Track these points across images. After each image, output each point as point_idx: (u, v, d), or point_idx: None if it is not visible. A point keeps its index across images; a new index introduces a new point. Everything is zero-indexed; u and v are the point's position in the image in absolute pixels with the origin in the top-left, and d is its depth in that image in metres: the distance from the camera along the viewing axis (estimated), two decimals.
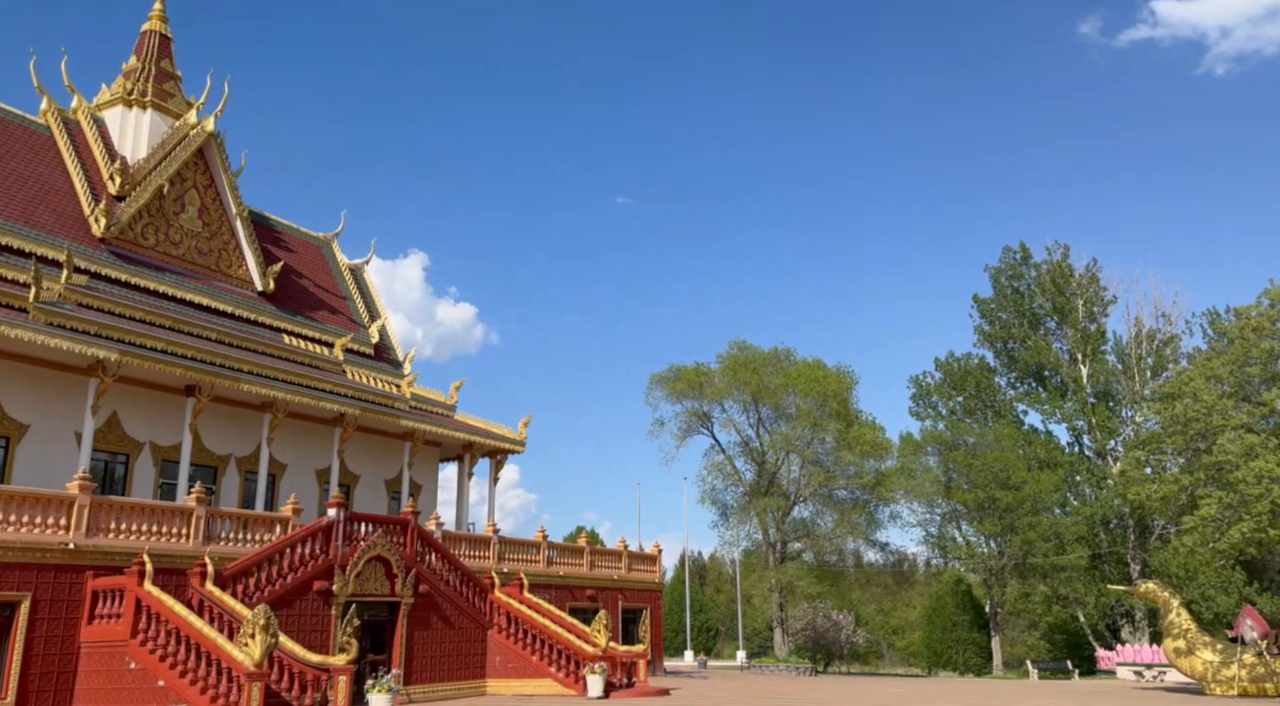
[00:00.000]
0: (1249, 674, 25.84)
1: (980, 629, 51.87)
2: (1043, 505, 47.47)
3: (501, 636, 23.60)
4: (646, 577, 32.99)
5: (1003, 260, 54.80)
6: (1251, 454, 24.49)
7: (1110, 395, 50.26)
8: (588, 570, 29.96)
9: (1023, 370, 53.10)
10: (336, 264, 35.30)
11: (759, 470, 54.04)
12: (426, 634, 21.94)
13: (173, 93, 30.09)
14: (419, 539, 22.56)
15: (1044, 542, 45.92)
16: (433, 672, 21.83)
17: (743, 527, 54.51)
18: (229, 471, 26.13)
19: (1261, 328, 27.22)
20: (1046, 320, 52.71)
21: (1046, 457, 49.10)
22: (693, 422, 54.54)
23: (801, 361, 54.58)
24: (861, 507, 53.37)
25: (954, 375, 54.71)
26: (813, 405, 51.56)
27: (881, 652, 66.40)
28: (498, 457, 33.51)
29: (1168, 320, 50.19)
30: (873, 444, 52.26)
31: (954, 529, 52.09)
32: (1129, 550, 47.00)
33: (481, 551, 26.25)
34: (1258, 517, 24.38)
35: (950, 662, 51.79)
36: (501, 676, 23.30)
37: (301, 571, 19.37)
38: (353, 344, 31.13)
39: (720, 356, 54.61)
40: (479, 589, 23.86)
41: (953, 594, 54.48)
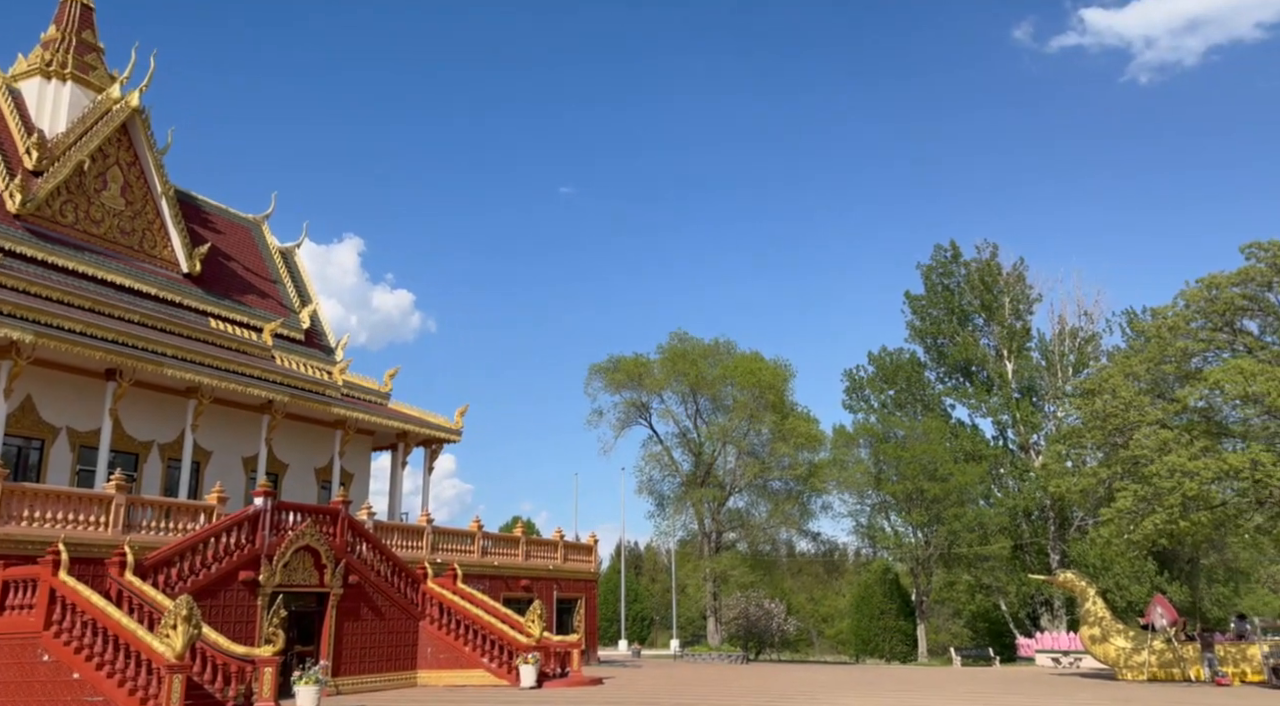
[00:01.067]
0: (1158, 660, 27.01)
1: (907, 617, 53.15)
2: (968, 496, 48.79)
3: (434, 627, 23.37)
4: (582, 568, 33.00)
5: (934, 258, 56.02)
6: (1165, 449, 25.47)
7: (1034, 390, 51.84)
8: (523, 560, 29.83)
9: (951, 365, 54.40)
10: (267, 246, 34.40)
11: (696, 461, 54.40)
12: (356, 625, 21.60)
13: (95, 65, 28.89)
14: (350, 529, 22.17)
15: (969, 533, 47.21)
16: (362, 664, 21.51)
17: (679, 518, 54.87)
18: (151, 458, 25.33)
19: (1177, 327, 28.34)
20: (975, 317, 54.06)
21: (972, 450, 50.45)
22: (631, 413, 54.63)
23: (740, 354, 55.03)
24: (795, 498, 54.12)
25: (886, 369, 55.78)
26: (750, 397, 52.04)
27: (811, 640, 67.62)
28: (433, 447, 33.12)
29: (1089, 319, 51.96)
30: (807, 436, 52.99)
31: (883, 519, 53.19)
32: (1049, 541, 48.62)
33: (415, 541, 25.93)
34: (1169, 510, 25.41)
35: (877, 650, 52.98)
36: (433, 667, 23.07)
37: (226, 561, 18.88)
38: (282, 329, 30.40)
39: (660, 348, 54.78)
40: (411, 579, 23.57)
41: (881, 583, 55.72)
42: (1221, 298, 27.46)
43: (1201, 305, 27.97)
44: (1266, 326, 28.35)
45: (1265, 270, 27.04)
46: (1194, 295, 28.32)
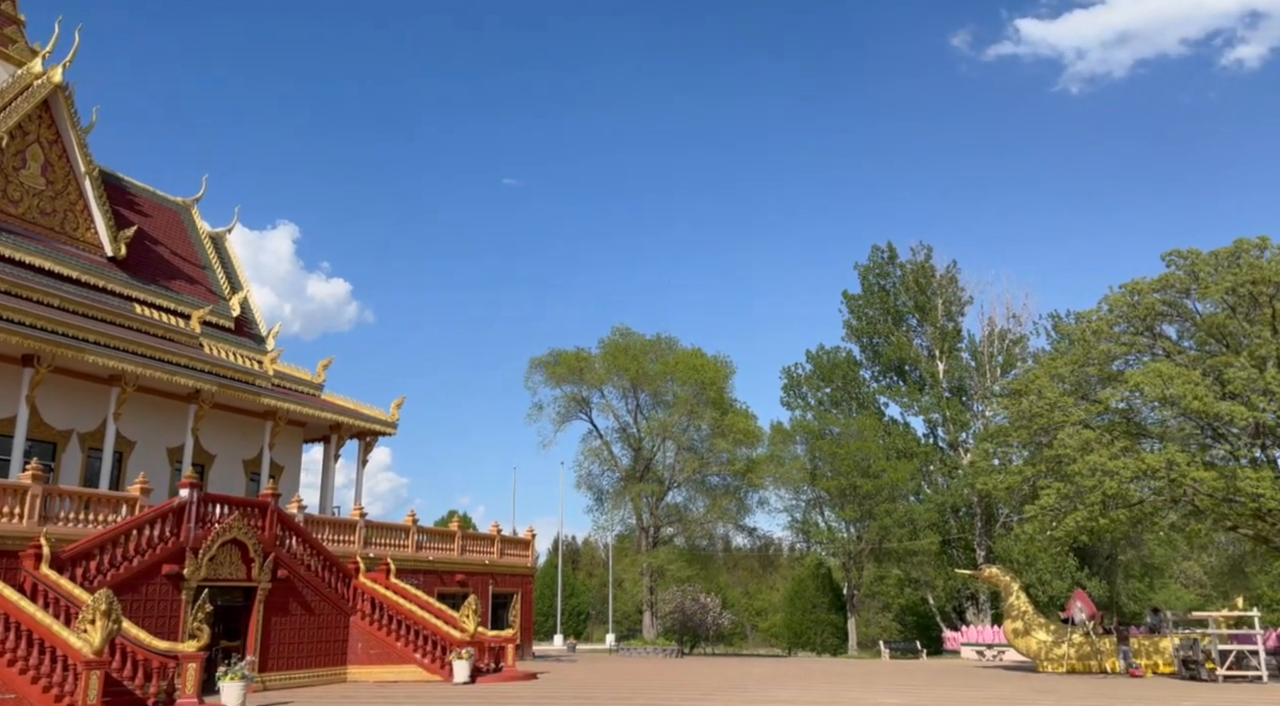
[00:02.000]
0: (1077, 652, 27.98)
1: (838, 610, 54.11)
2: (899, 493, 49.83)
3: (365, 622, 23.02)
4: (519, 562, 32.82)
5: (871, 259, 57.02)
6: (1087, 448, 26.34)
7: (964, 390, 53.17)
8: (458, 555, 29.55)
9: (886, 364, 55.47)
10: (196, 231, 33.39)
11: (635, 456, 54.53)
12: (285, 620, 21.16)
13: (14, 38, 27.65)
14: (279, 522, 21.69)
15: (899, 528, 48.23)
16: (291, 659, 21.08)
17: (617, 512, 54.98)
18: (70, 448, 24.41)
19: (1100, 331, 29.32)
20: (909, 317, 55.20)
21: (904, 448, 51.53)
22: (572, 408, 54.50)
23: (682, 350, 55.28)
24: (732, 493, 54.65)
25: (823, 367, 56.62)
26: (690, 393, 52.34)
27: (745, 634, 68.38)
28: (367, 439, 32.56)
29: (1018, 321, 53.48)
30: (745, 432, 53.52)
31: (818, 514, 54.02)
32: (976, 536, 49.96)
33: (347, 536, 25.49)
34: (1090, 507, 26.30)
35: (809, 643, 53.83)
36: (364, 663, 22.74)
37: (149, 554, 18.31)
38: (211, 316, 29.57)
39: (602, 342, 54.75)
40: (343, 574, 23.17)
41: (814, 577, 56.62)
42: (1143, 303, 28.49)
43: (1124, 310, 28.99)
44: (1184, 331, 29.54)
45: (1184, 278, 28.14)
46: (1117, 300, 29.33)
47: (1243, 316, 27.19)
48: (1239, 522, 26.83)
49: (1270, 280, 26.09)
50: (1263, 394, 25.10)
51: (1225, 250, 27.92)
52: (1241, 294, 26.70)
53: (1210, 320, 28.02)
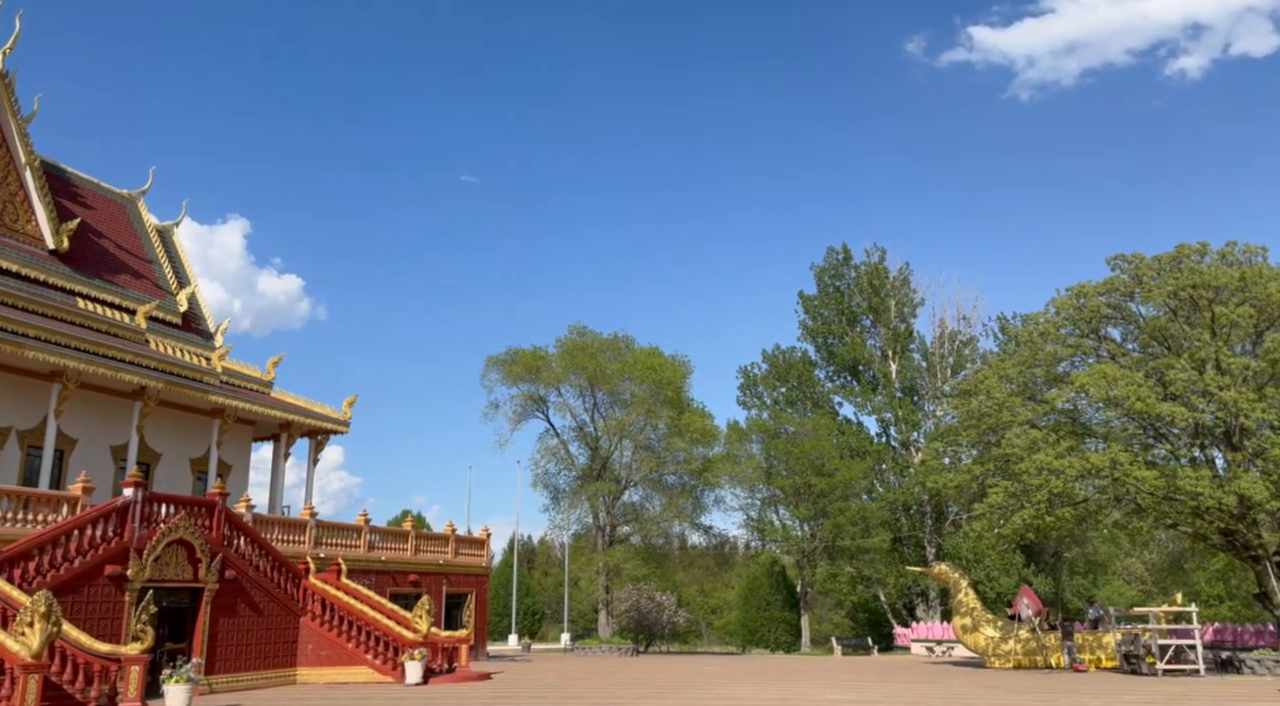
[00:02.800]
0: (1023, 648, 28.56)
1: (792, 608, 54.59)
2: (852, 491, 50.39)
3: (315, 623, 22.69)
4: (473, 562, 32.60)
5: (827, 260, 57.58)
6: (1034, 448, 26.90)
7: (915, 390, 53.97)
8: (412, 555, 29.26)
9: (840, 364, 56.08)
10: (142, 224, 32.60)
11: (592, 455, 54.41)
12: (232, 621, 20.77)
13: None
14: (227, 522, 21.28)
15: (852, 526, 48.79)
16: (238, 661, 20.70)
17: (574, 511, 54.79)
18: (9, 445, 23.71)
19: (1047, 333, 29.96)
20: (863, 318, 55.88)
21: (857, 447, 52.15)
22: (528, 406, 54.20)
23: (640, 349, 55.27)
24: (689, 492, 54.81)
25: (779, 367, 57.06)
26: (648, 392, 52.36)
27: (700, 632, 68.67)
28: (318, 438, 32.09)
29: (968, 323, 54.43)
30: (702, 431, 53.69)
31: (772, 513, 54.38)
32: (926, 534, 50.75)
33: (297, 535, 25.10)
34: (1037, 505, 26.85)
35: (763, 640, 54.22)
36: (314, 664, 22.41)
37: (91, 555, 17.84)
38: (158, 312, 28.91)
39: (559, 341, 54.52)
40: (292, 575, 22.81)
41: (768, 575, 57.05)
42: (1088, 306, 29.17)
43: (1070, 313, 29.65)
44: (1128, 334, 30.30)
45: (1128, 281, 28.87)
46: (1063, 303, 29.99)
47: (1184, 319, 27.98)
48: (1179, 520, 27.60)
49: (1210, 285, 26.88)
50: (1202, 395, 25.86)
51: (1168, 255, 28.70)
52: (1183, 298, 27.47)
53: (1153, 323, 28.77)
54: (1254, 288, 26.50)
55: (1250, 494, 24.11)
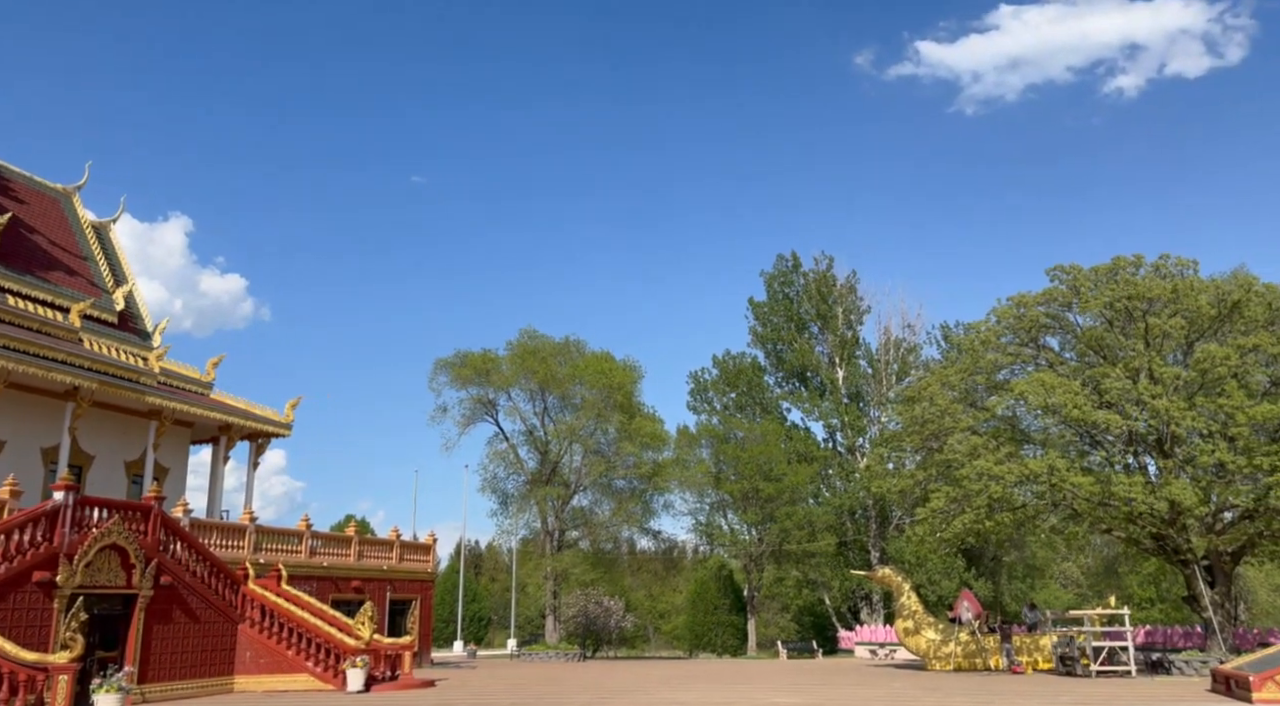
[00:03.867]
0: (963, 650, 29.11)
1: (739, 612, 54.93)
2: (799, 496, 50.94)
3: (254, 630, 22.20)
4: (418, 567, 32.19)
5: (776, 267, 58.21)
6: (975, 454, 27.47)
7: (861, 396, 54.78)
8: (355, 561, 28.80)
9: (789, 370, 56.68)
10: (78, 220, 31.64)
11: (542, 459, 54.10)
12: (167, 629, 20.21)
13: None
14: (163, 526, 20.71)
15: (798, 530, 49.31)
16: (173, 670, 20.14)
17: (522, 516, 54.36)
18: None
19: (988, 341, 30.63)
20: (811, 325, 56.58)
21: (805, 452, 52.73)
22: (477, 410, 53.66)
23: (591, 353, 55.13)
24: (638, 496, 54.79)
25: (729, 373, 57.46)
26: (599, 396, 52.22)
27: (648, 636, 68.71)
28: (259, 441, 31.43)
29: (912, 330, 55.46)
30: (652, 435, 53.71)
31: (721, 517, 54.70)
32: (870, 538, 51.48)
33: (236, 541, 24.54)
34: (977, 510, 27.42)
35: (710, 644, 54.46)
36: (253, 672, 21.91)
37: (19, 561, 17.21)
38: (93, 310, 28.07)
39: (509, 344, 54.09)
40: (231, 581, 22.29)
41: (716, 579, 57.34)
42: (1028, 315, 29.89)
43: (1010, 322, 30.36)
44: (1066, 343, 31.11)
45: (1066, 292, 29.65)
46: (1004, 312, 30.69)
47: (1119, 330, 28.82)
48: (1113, 525, 28.38)
49: (1144, 296, 27.74)
50: (1135, 403, 26.65)
51: (1104, 266, 29.56)
52: (1118, 308, 28.30)
53: (1089, 333, 29.59)
54: (1185, 300, 27.41)
55: (1180, 500, 24.90)
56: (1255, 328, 27.14)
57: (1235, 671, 18.86)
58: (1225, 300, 27.43)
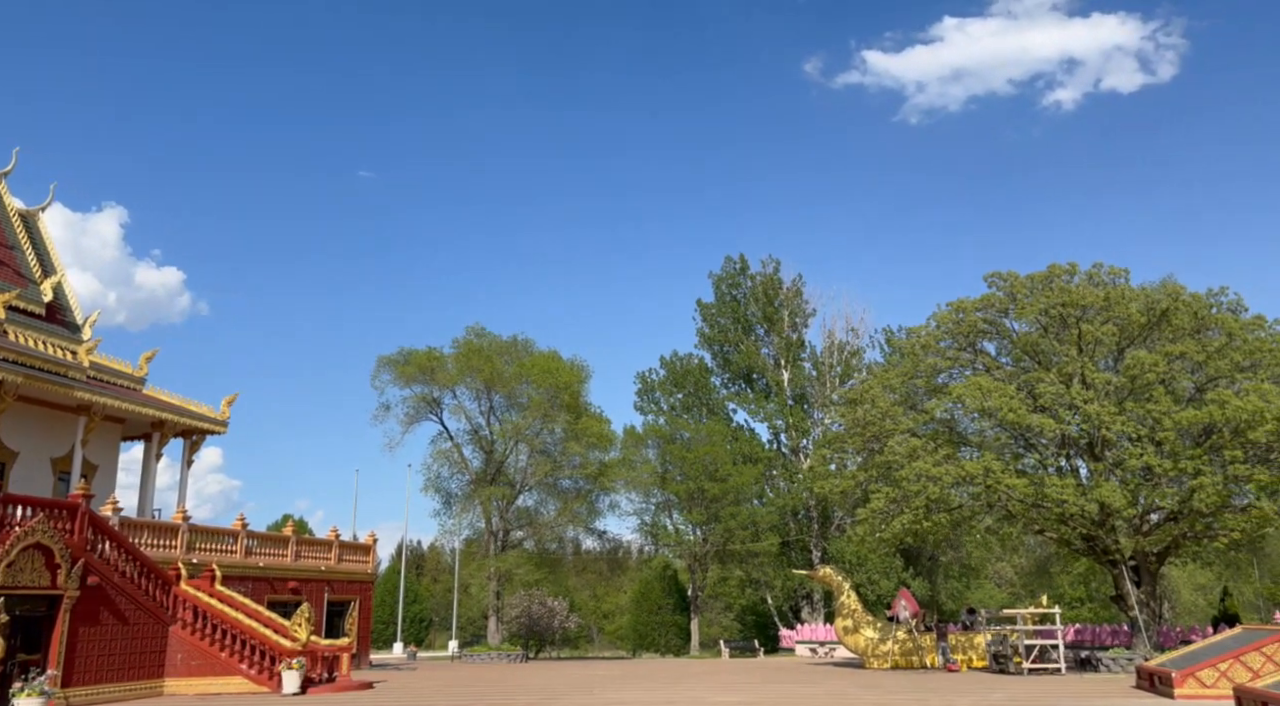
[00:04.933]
0: (900, 648, 29.63)
1: (682, 611, 55.17)
2: (743, 496, 51.33)
3: (186, 632, 21.64)
4: (358, 568, 31.70)
5: (724, 269, 58.60)
6: (914, 455, 27.98)
7: (805, 398, 55.44)
8: (292, 561, 28.24)
9: (735, 372, 57.12)
10: (3, 207, 30.50)
11: (487, 458, 53.64)
12: (94, 630, 19.58)
13: None
14: (91, 525, 20.07)
15: (742, 530, 49.70)
16: (100, 673, 19.52)
17: (466, 516, 53.81)
18: None
19: (928, 346, 31.22)
20: (757, 327, 57.09)
21: (750, 453, 53.16)
22: (421, 408, 52.97)
23: (538, 352, 54.82)
24: (584, 497, 54.66)
25: (676, 373, 57.68)
26: (545, 396, 51.94)
27: (592, 637, 68.62)
28: (194, 438, 30.65)
29: (856, 334, 56.29)
30: (599, 436, 53.60)
31: (666, 517, 54.86)
32: (812, 538, 52.12)
33: (168, 540, 23.91)
34: (915, 511, 27.93)
35: (653, 644, 54.60)
36: (184, 675, 21.36)
37: None
38: (18, 301, 27.09)
39: (456, 342, 53.53)
40: (162, 581, 21.69)
41: (660, 579, 57.51)
42: (966, 321, 30.55)
43: (949, 327, 30.99)
44: (1002, 348, 31.87)
45: (1003, 298, 30.37)
46: (944, 318, 31.32)
47: (1053, 336, 29.61)
48: (1045, 526, 29.15)
49: (1077, 303, 28.54)
50: (1068, 408, 27.41)
51: (1040, 274, 30.34)
52: (1053, 315, 29.07)
53: (1025, 338, 30.35)
54: (1117, 307, 28.27)
55: (1110, 501, 25.67)
56: (1182, 336, 28.12)
57: (1159, 668, 19.52)
58: (1155, 309, 28.35)
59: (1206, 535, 27.82)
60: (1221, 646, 19.62)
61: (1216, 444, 25.82)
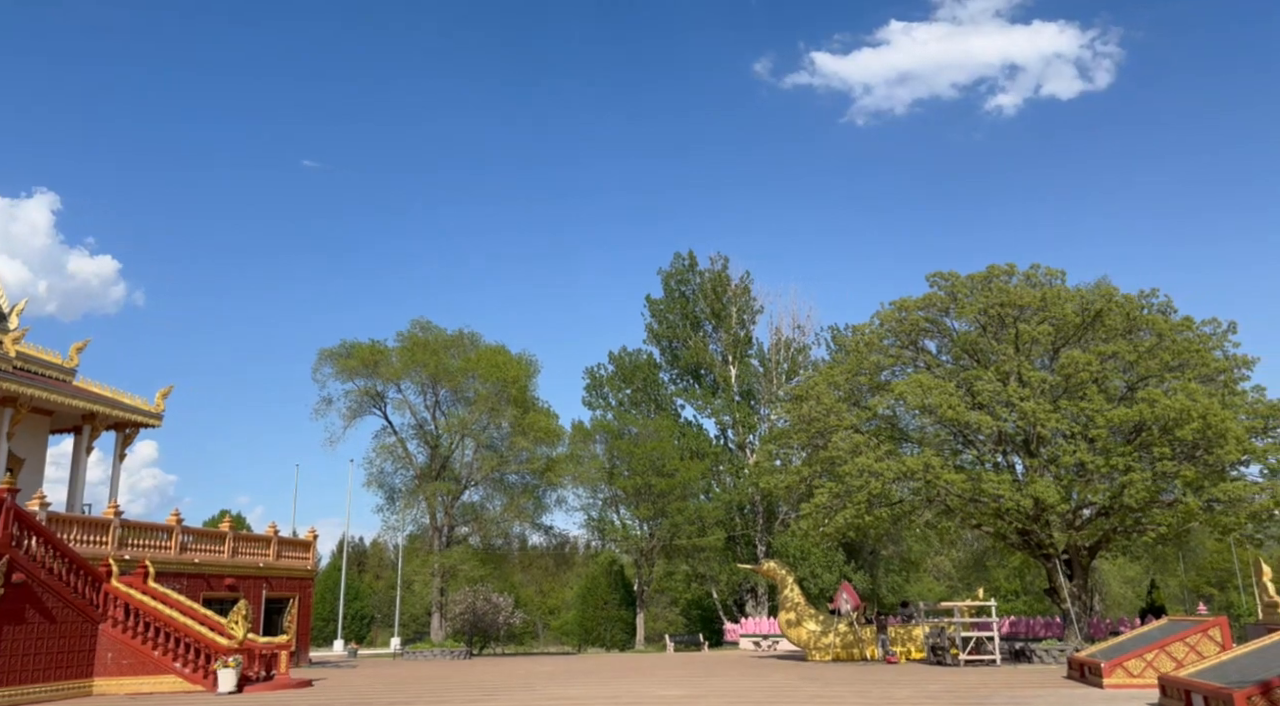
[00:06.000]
0: (841, 641, 30.06)
1: (628, 607, 55.30)
2: (690, 491, 51.62)
3: (117, 630, 21.02)
4: (297, 564, 31.13)
5: (674, 266, 58.82)
6: (857, 451, 28.40)
7: (752, 394, 55.95)
8: (229, 557, 27.61)
9: (683, 367, 57.38)
10: None
11: (432, 453, 53.08)
12: (19, 629, 18.91)
13: None
14: (16, 520, 19.36)
15: (689, 525, 49.97)
16: (24, 673, 18.86)
17: (410, 512, 53.26)
18: None
19: (872, 343, 31.71)
20: (705, 323, 57.43)
21: (697, 448, 53.48)
22: (364, 402, 52.19)
23: (485, 346, 54.40)
24: (531, 492, 54.43)
25: (625, 369, 57.74)
26: (492, 390, 51.56)
27: (537, 633, 68.42)
28: (127, 431, 29.76)
29: (802, 331, 57.01)
30: (546, 431, 53.41)
31: (613, 513, 54.92)
32: (758, 532, 52.64)
33: (99, 536, 23.19)
34: (858, 505, 28.36)
35: (599, 639, 54.64)
36: (115, 674, 20.75)
37: None
38: None
39: (400, 335, 52.85)
40: (92, 578, 21.03)
41: (606, 574, 57.56)
42: (909, 319, 31.10)
43: (892, 325, 31.52)
44: (943, 346, 32.51)
45: (944, 297, 30.97)
46: (887, 316, 31.84)
47: (992, 335, 30.29)
48: (982, 521, 29.83)
49: (1015, 304, 29.23)
50: (1005, 405, 28.07)
51: (980, 274, 31.01)
52: (991, 314, 29.74)
53: (965, 337, 31.00)
54: (1053, 308, 29.03)
55: (1044, 497, 26.36)
56: (1115, 336, 28.98)
57: (1089, 659, 20.10)
58: (1089, 309, 29.17)
59: (1136, 530, 28.72)
60: (1148, 637, 20.27)
61: (1146, 441, 26.66)
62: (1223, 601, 57.64)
